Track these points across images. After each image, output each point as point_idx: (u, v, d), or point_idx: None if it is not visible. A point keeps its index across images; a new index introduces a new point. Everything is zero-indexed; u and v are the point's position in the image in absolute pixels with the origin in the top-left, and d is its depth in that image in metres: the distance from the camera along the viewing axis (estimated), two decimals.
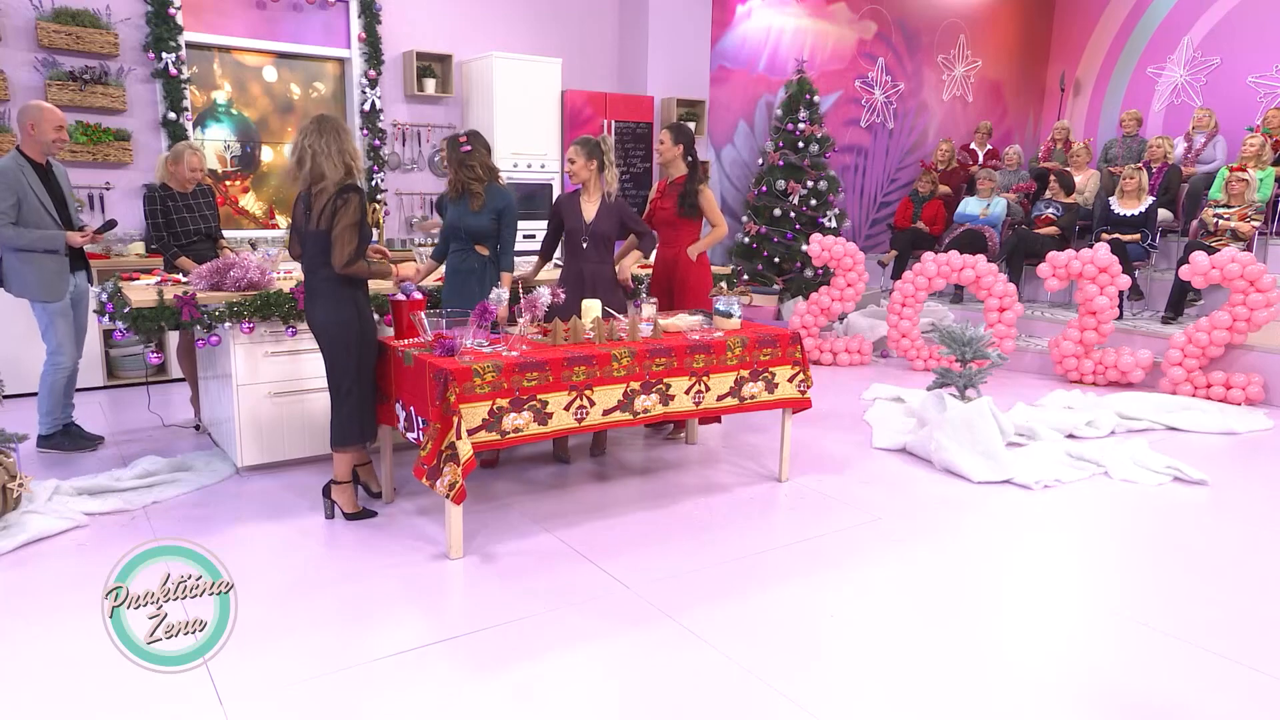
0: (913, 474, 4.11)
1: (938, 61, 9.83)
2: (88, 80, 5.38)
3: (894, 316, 6.49)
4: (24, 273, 3.83)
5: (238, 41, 6.02)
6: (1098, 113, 10.11)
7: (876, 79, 9.37)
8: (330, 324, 3.19)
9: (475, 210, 3.73)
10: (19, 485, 3.25)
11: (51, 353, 3.94)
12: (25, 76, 5.28)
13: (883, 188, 9.73)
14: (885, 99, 9.48)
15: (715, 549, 3.20)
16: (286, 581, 2.89)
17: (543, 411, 3.15)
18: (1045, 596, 2.91)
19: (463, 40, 6.79)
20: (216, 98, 6.12)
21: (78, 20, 5.33)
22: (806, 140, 7.81)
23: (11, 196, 3.73)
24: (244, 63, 6.16)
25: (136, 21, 5.56)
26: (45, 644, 2.45)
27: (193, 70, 5.85)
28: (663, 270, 4.50)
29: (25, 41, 5.26)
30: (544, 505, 3.59)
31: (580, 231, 4.00)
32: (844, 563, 3.12)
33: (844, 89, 9.14)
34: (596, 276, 4.02)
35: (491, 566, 3.02)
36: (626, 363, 3.33)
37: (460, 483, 2.91)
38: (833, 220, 7.89)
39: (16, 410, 4.59)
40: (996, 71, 10.33)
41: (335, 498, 3.39)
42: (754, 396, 3.74)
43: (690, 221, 4.40)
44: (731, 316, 3.85)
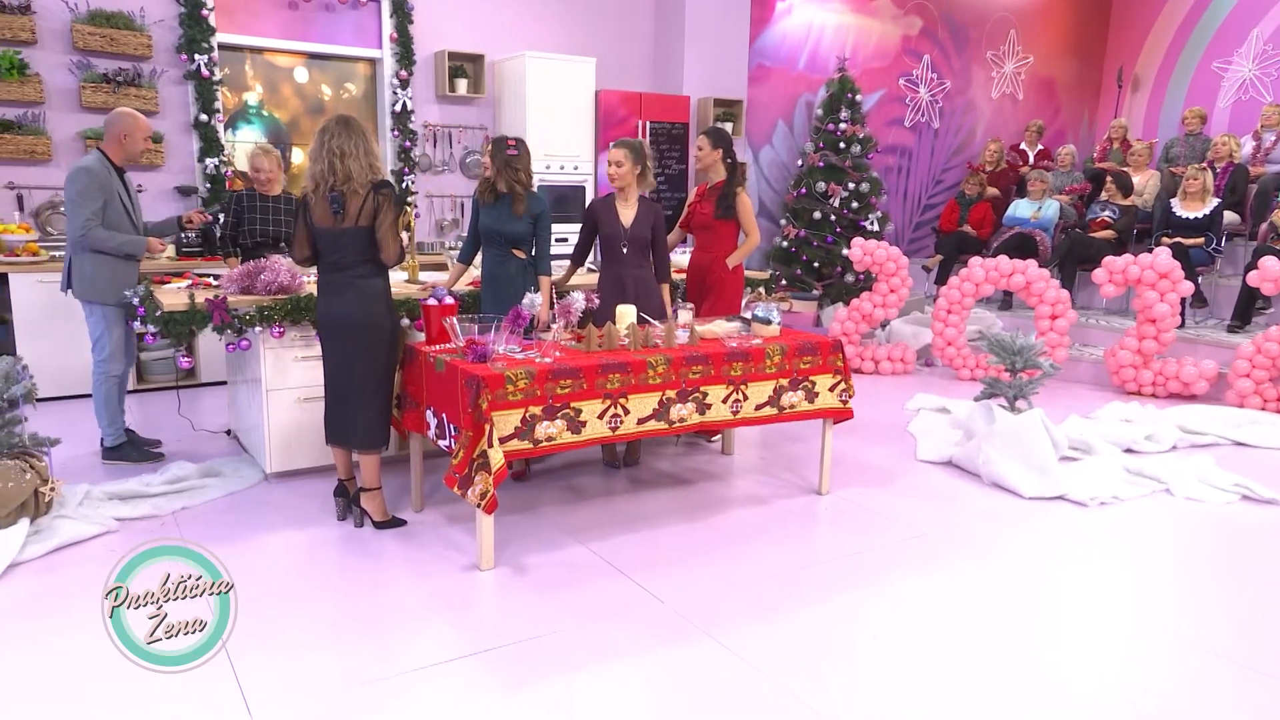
0: (959, 488, 4.07)
1: (986, 58, 9.73)
2: (121, 82, 5.54)
3: (939, 324, 6.43)
4: (96, 275, 3.89)
5: (269, 42, 6.17)
6: (1158, 110, 9.94)
7: (921, 76, 9.30)
8: (369, 322, 3.27)
9: (518, 215, 3.77)
10: (50, 489, 3.35)
11: (103, 360, 4.02)
12: (60, 79, 5.46)
13: (927, 190, 9.65)
14: (930, 97, 9.41)
15: (753, 563, 3.20)
16: (315, 590, 2.94)
17: (576, 420, 3.17)
18: (1101, 620, 2.86)
19: (495, 40, 6.87)
20: (248, 99, 6.27)
21: (112, 22, 5.50)
22: (848, 141, 7.78)
23: (101, 198, 3.82)
24: (275, 64, 6.31)
25: (170, 23, 5.72)
26: (75, 648, 2.52)
27: (224, 72, 6.00)
28: (696, 275, 4.52)
29: (60, 44, 5.44)
30: (576, 516, 3.62)
31: (619, 237, 4.03)
32: (887, 580, 3.10)
33: (887, 87, 9.09)
34: (638, 281, 4.05)
35: (523, 578, 3.04)
36: (662, 370, 3.34)
37: (492, 492, 2.94)
38: (875, 223, 7.84)
39: (50, 413, 4.72)
40: (1049, 67, 10.19)
41: (365, 505, 3.44)
42: (793, 406, 3.73)
43: (729, 227, 4.42)
44: (770, 323, 3.85)
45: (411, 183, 6.68)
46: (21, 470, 3.23)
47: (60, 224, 5.55)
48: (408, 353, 3.51)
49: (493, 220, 3.82)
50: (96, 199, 3.82)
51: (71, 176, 3.82)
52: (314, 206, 3.24)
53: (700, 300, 4.44)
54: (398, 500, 3.73)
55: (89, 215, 3.80)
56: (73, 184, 3.80)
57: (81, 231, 3.81)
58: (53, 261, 5.15)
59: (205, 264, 5.24)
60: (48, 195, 5.52)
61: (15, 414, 3.34)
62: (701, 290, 4.47)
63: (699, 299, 4.45)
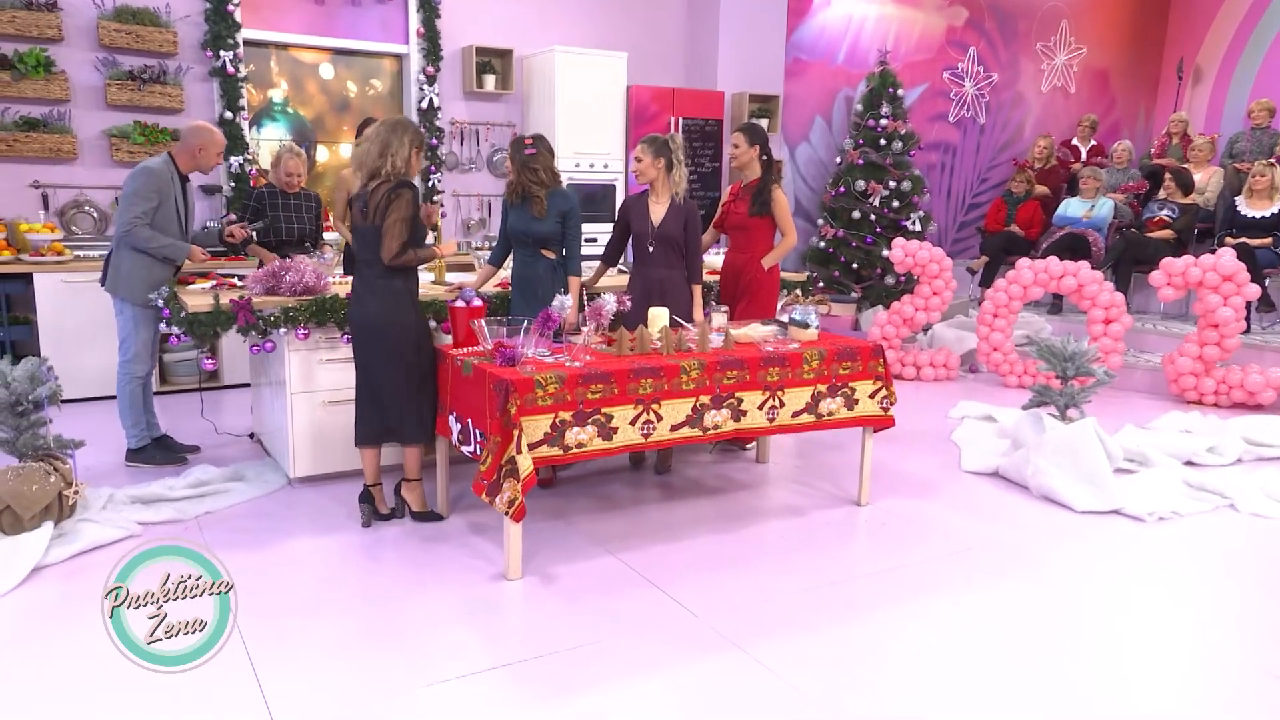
0: (1006, 500, 4.02)
1: (1036, 50, 9.62)
2: (146, 80, 5.67)
3: (984, 328, 6.36)
4: (133, 273, 3.99)
5: (295, 38, 6.27)
6: (1221, 103, 9.75)
7: (967, 70, 9.22)
8: (392, 322, 3.37)
9: (538, 216, 3.80)
10: (74, 493, 3.43)
11: (128, 360, 4.11)
12: (86, 76, 5.60)
13: (972, 188, 9.56)
14: (976, 91, 9.32)
15: (789, 576, 3.19)
16: (340, 598, 2.98)
17: (607, 426, 3.18)
18: (1159, 642, 2.81)
19: (524, 34, 6.93)
20: (273, 96, 6.38)
21: (138, 19, 5.63)
22: (889, 137, 7.73)
23: (155, 199, 3.95)
24: (301, 60, 6.41)
25: (195, 19, 5.84)
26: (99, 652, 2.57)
27: (249, 68, 6.11)
28: (730, 276, 4.52)
29: (87, 41, 5.58)
30: (606, 525, 3.63)
31: (647, 235, 4.05)
32: (929, 596, 3.07)
33: (931, 81, 9.02)
34: (665, 283, 4.05)
35: (551, 589, 3.06)
36: (696, 375, 3.35)
37: (520, 499, 2.96)
38: (917, 223, 7.79)
39: (74, 415, 4.83)
40: (1103, 59, 10.05)
41: (405, 495, 3.60)
42: (832, 413, 3.72)
43: (764, 226, 4.41)
44: (808, 327, 3.84)
45: (438, 181, 6.75)
46: (46, 473, 3.31)
47: (85, 223, 5.69)
48: (435, 355, 3.55)
49: (519, 221, 3.85)
50: (150, 200, 3.94)
51: (132, 174, 3.98)
52: (350, 209, 3.41)
53: (735, 302, 4.44)
54: None
55: (138, 214, 3.92)
56: (131, 181, 3.95)
57: (126, 228, 3.93)
58: (77, 261, 5.28)
59: (230, 264, 5.34)
60: (72, 194, 5.66)
61: (40, 416, 3.42)
62: (736, 292, 4.47)
63: (733, 301, 4.45)
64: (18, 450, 3.38)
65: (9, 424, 3.35)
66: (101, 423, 4.68)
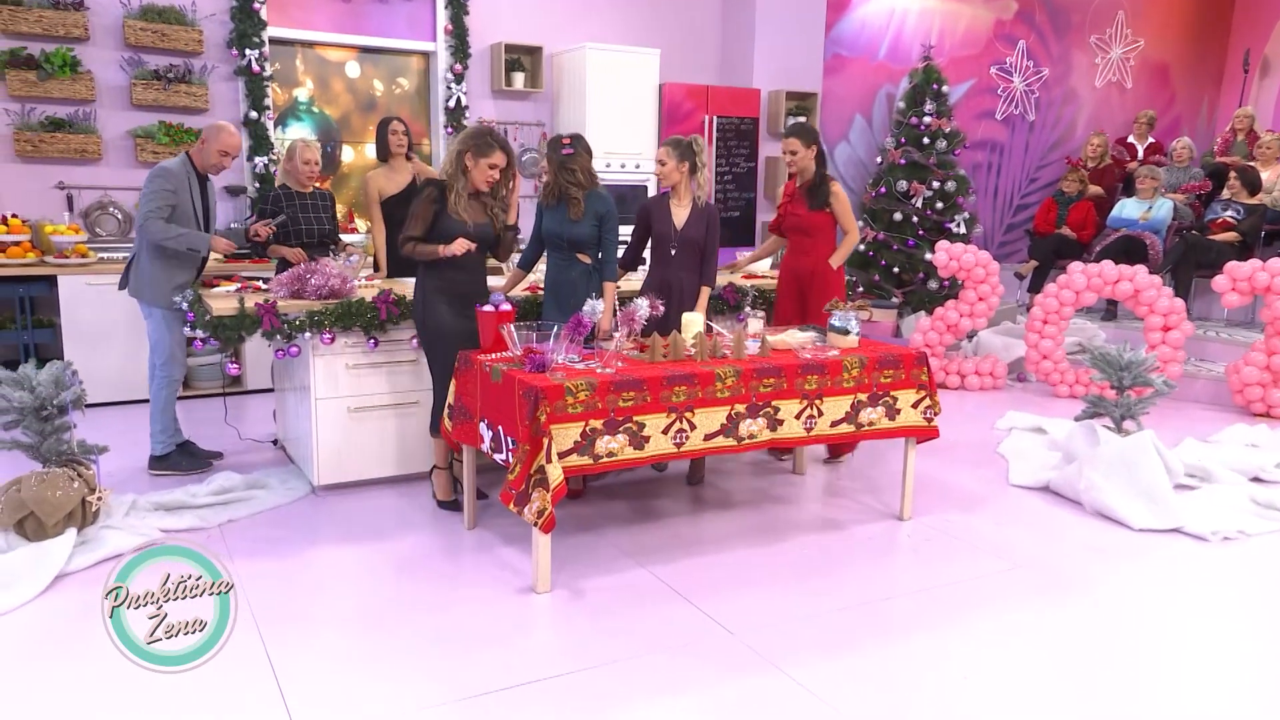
0: (1058, 516, 3.97)
1: (1090, 43, 9.51)
2: (171, 79, 5.80)
3: (1034, 335, 6.30)
4: (155, 274, 4.10)
5: (321, 36, 6.38)
6: None
7: (1016, 64, 9.14)
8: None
9: (574, 218, 3.83)
10: (97, 499, 3.50)
11: (162, 364, 4.20)
12: (111, 75, 5.74)
13: (1021, 188, 9.46)
14: (1026, 87, 9.23)
15: (828, 593, 3.17)
16: (364, 611, 3.01)
17: (639, 435, 3.19)
18: (1222, 671, 2.76)
19: (554, 31, 6.99)
20: (298, 95, 6.49)
21: (164, 17, 5.76)
22: (933, 135, 7.67)
23: (171, 197, 4.06)
24: (327, 58, 6.52)
25: (221, 18, 5.97)
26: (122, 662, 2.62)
27: (275, 67, 6.22)
28: (793, 281, 4.53)
29: (113, 40, 5.72)
30: (638, 537, 3.64)
31: (669, 238, 4.07)
32: (977, 616, 3.04)
33: (977, 77, 8.95)
34: (685, 287, 4.07)
35: (581, 603, 3.07)
36: (731, 383, 3.35)
37: (550, 510, 2.98)
38: (961, 225, 7.72)
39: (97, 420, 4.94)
40: (1162, 52, 9.91)
41: (433, 480, 3.90)
42: (873, 423, 3.70)
43: (826, 224, 4.44)
44: (848, 333, 3.82)
45: None
46: (70, 479, 3.39)
47: (109, 225, 5.82)
48: (462, 360, 3.59)
49: (555, 223, 3.88)
50: (166, 197, 4.04)
51: (150, 175, 4.08)
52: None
53: (802, 308, 4.46)
54: (451, 517, 3.81)
55: (153, 209, 4.02)
56: (148, 182, 4.06)
57: (140, 221, 4.05)
58: (101, 264, 5.40)
59: (254, 266, 5.43)
60: (97, 196, 5.79)
61: (64, 421, 3.50)
62: (802, 297, 4.49)
63: (799, 306, 4.48)
64: (42, 455, 3.46)
65: (33, 429, 3.43)
66: (124, 428, 4.78)
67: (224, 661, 2.61)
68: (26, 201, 5.60)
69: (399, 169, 4.90)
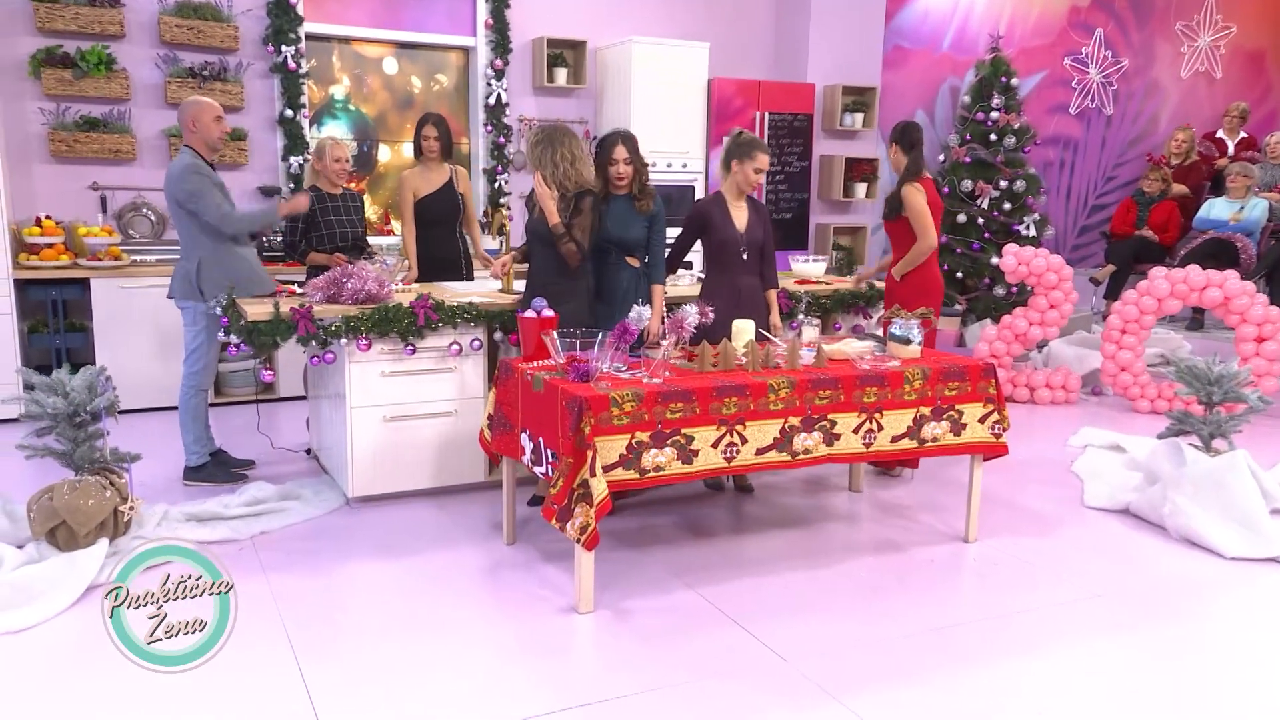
0: (1139, 542, 3.89)
1: (1175, 30, 9.33)
2: (206, 77, 5.95)
3: (1111, 345, 6.19)
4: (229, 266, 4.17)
5: (358, 31, 6.51)
6: None
7: (1092, 55, 9.00)
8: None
9: (643, 212, 3.90)
10: (129, 509, 3.60)
11: (196, 371, 4.30)
12: (146, 74, 5.91)
13: (1096, 187, 9.31)
14: (1103, 79, 9.09)
15: (888, 620, 3.14)
16: (399, 629, 3.05)
17: (687, 448, 3.20)
18: None
19: (598, 25, 7.04)
20: (334, 93, 6.63)
21: (200, 14, 5.92)
22: (1000, 132, 7.60)
23: (216, 188, 4.15)
24: (364, 54, 6.65)
25: (257, 14, 6.11)
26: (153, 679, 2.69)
27: (311, 64, 6.36)
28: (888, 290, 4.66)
29: (148, 37, 5.89)
30: (686, 556, 3.64)
31: (737, 241, 4.10)
32: (1051, 648, 2.99)
33: (1050, 69, 8.83)
34: (754, 291, 4.10)
35: (626, 625, 3.08)
36: (785, 394, 3.34)
37: (593, 526, 3.00)
38: (1031, 227, 7.63)
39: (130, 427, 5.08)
40: (1257, 39, 9.68)
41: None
42: (936, 439, 3.66)
43: (905, 231, 4.49)
44: (910, 343, 3.79)
45: (504, 183, 6.90)
46: (102, 487, 3.49)
47: (142, 227, 5.98)
48: (503, 369, 3.63)
49: (609, 223, 3.92)
50: (216, 189, 4.13)
51: (178, 178, 4.11)
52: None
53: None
54: (489, 532, 3.84)
55: (216, 202, 4.09)
56: (181, 185, 4.09)
57: (218, 218, 4.09)
58: (134, 266, 5.56)
59: (288, 269, 5.54)
60: (131, 196, 5.96)
61: (97, 428, 3.61)
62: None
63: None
64: (74, 463, 3.56)
65: (66, 435, 3.54)
66: (156, 435, 4.91)
67: (257, 679, 2.69)
68: (61, 203, 5.78)
69: (434, 169, 4.97)
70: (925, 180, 4.49)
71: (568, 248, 3.80)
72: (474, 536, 3.81)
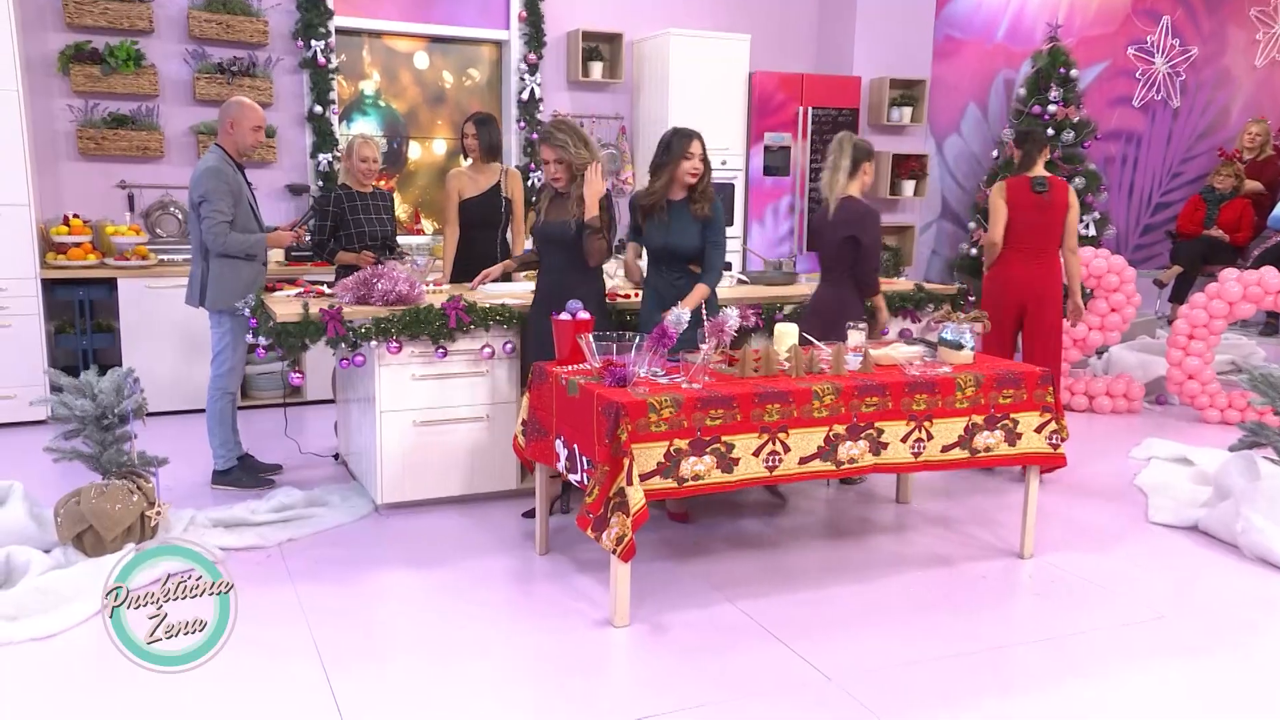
0: (1209, 561, 3.83)
1: (1249, 16, 9.17)
2: (235, 72, 6.07)
3: (1177, 352, 6.09)
4: (235, 281, 4.26)
5: (389, 25, 6.60)
6: None
7: (1158, 43, 8.87)
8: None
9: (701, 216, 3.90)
10: (156, 514, 3.68)
11: (223, 374, 4.39)
12: (175, 69, 6.03)
13: (1161, 184, 9.17)
14: (1169, 69, 8.95)
15: (938, 638, 3.12)
16: (430, 640, 3.08)
17: (728, 457, 3.20)
18: None
19: (635, 17, 7.07)
20: (364, 88, 6.72)
21: (229, 8, 6.03)
22: (1058, 126, 7.52)
23: (229, 197, 4.22)
24: (394, 48, 6.74)
25: (287, 7, 6.22)
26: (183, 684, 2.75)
27: (341, 58, 6.45)
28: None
29: (176, 32, 6.02)
30: (726, 568, 3.64)
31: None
32: (1114, 672, 2.95)
33: (1112, 58, 8.72)
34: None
35: (663, 639, 3.09)
36: (830, 401, 3.33)
37: (630, 536, 3.01)
38: (1091, 227, 7.53)
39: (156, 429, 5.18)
40: None
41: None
42: (990, 449, 3.63)
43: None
44: (962, 348, 3.76)
45: (538, 181, 6.94)
46: (129, 492, 3.57)
47: (170, 226, 6.11)
48: (537, 373, 3.65)
49: (659, 234, 3.93)
50: (225, 198, 4.18)
51: (197, 179, 4.19)
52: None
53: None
54: (521, 541, 3.88)
55: (223, 221, 4.16)
56: (199, 186, 4.17)
57: (216, 237, 4.15)
58: (162, 266, 5.68)
59: (316, 270, 5.63)
60: (158, 195, 6.09)
61: (125, 430, 3.69)
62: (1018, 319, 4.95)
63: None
64: (101, 466, 3.65)
65: (94, 438, 3.62)
66: (183, 438, 5.00)
67: (286, 690, 2.73)
68: (88, 201, 5.92)
69: (481, 170, 5.01)
70: (1011, 180, 4.80)
71: (600, 243, 3.84)
72: (506, 545, 3.84)
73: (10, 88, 5.23)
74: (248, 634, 3.03)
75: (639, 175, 7.21)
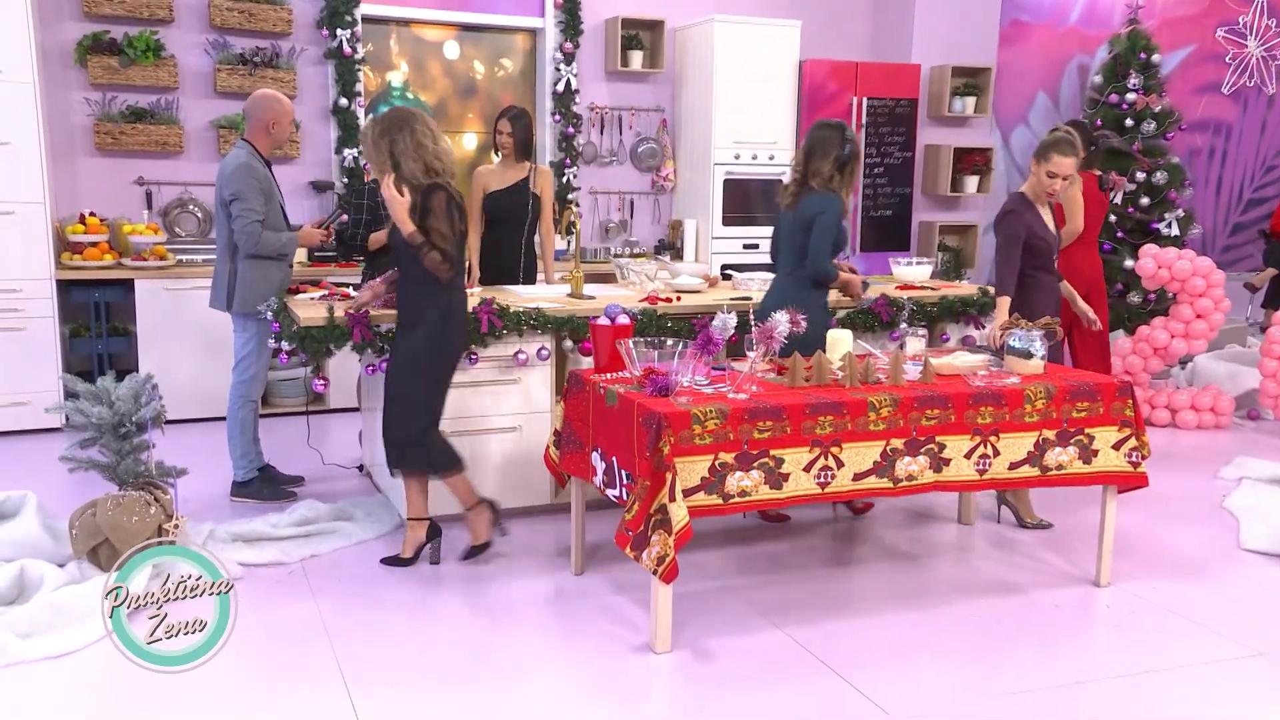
0: None
1: None
2: (258, 63, 6.18)
3: (1271, 363, 6.01)
4: (259, 283, 4.34)
5: (418, 13, 6.68)
6: None
7: (1251, 25, 8.74)
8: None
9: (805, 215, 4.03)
10: (174, 527, 3.74)
11: (246, 380, 4.47)
12: (195, 60, 6.16)
13: (1254, 179, 9.02)
14: (1264, 53, 8.81)
15: (1006, 672, 3.09)
16: (458, 664, 3.11)
17: (776, 472, 3.19)
18: None
19: (678, 3, 7.09)
20: (391, 80, 6.81)
21: None
22: (1138, 116, 7.42)
23: (261, 195, 4.30)
24: (423, 37, 6.82)
25: None
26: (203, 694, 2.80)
27: (367, 48, 6.54)
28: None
29: (197, 22, 6.15)
30: (773, 592, 3.64)
31: (1052, 244, 4.39)
32: (1201, 713, 2.90)
33: (1198, 42, 8.60)
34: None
35: (707, 668, 3.09)
36: (887, 414, 3.31)
37: (672, 556, 3.01)
38: (1174, 226, 7.43)
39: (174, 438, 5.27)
40: None
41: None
42: (1062, 467, 3.59)
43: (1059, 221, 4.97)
44: (1031, 357, 3.72)
45: (573, 177, 6.98)
46: (146, 504, 3.63)
47: (189, 224, 6.23)
48: (573, 381, 3.67)
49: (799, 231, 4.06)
50: (258, 196, 4.26)
51: (229, 176, 4.26)
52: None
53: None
54: (555, 559, 3.89)
55: (255, 220, 4.23)
56: (231, 183, 4.25)
57: (250, 236, 4.23)
58: (181, 267, 5.79)
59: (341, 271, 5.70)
60: (177, 192, 6.21)
61: (143, 439, 3.76)
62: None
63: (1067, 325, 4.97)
64: (118, 476, 3.72)
65: (110, 447, 3.70)
66: (203, 447, 5.09)
67: (308, 715, 2.77)
68: (105, 199, 6.05)
69: (511, 166, 5.06)
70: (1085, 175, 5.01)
71: (430, 258, 3.53)
72: (539, 564, 3.87)
73: (26, 79, 5.36)
74: (269, 654, 3.09)
75: (680, 171, 7.23)
